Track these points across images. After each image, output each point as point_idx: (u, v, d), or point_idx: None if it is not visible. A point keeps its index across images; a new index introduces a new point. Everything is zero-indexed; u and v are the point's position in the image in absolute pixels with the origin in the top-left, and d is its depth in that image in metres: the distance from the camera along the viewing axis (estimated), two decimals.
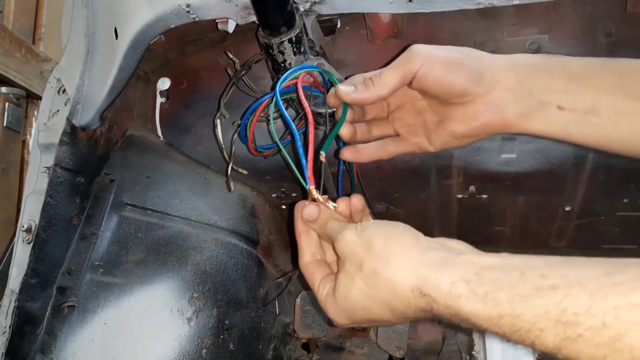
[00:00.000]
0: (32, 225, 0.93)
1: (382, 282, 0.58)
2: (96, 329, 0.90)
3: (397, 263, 0.58)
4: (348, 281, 0.62)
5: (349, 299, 0.62)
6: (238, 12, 0.84)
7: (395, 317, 0.60)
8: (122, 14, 0.89)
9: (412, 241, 0.60)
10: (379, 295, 0.58)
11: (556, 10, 0.93)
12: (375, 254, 0.59)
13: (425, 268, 0.56)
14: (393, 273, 0.57)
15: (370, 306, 0.60)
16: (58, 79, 1.00)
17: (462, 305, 0.51)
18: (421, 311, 0.56)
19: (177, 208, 1.02)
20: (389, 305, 0.58)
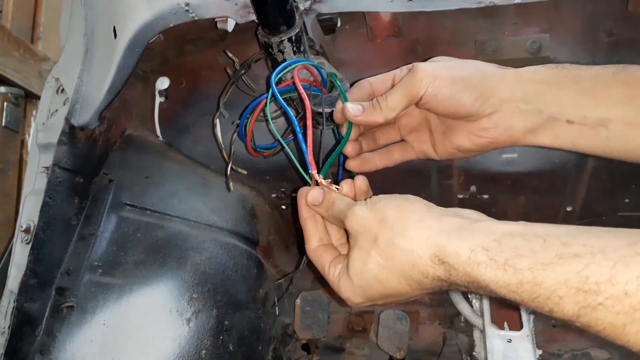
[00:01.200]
0: (31, 226, 0.93)
1: (399, 253, 0.58)
2: (95, 329, 0.89)
3: (414, 232, 0.57)
4: (363, 256, 0.61)
5: (365, 275, 0.61)
6: (237, 10, 0.83)
7: (411, 289, 0.59)
8: (120, 13, 0.89)
9: (426, 210, 0.60)
10: (397, 266, 0.58)
11: (557, 10, 0.92)
12: (390, 226, 0.59)
13: (443, 235, 0.55)
14: (410, 243, 0.57)
15: (386, 279, 0.59)
16: (57, 79, 1.00)
17: (482, 273, 0.51)
18: (438, 280, 0.56)
19: (176, 208, 1.02)
20: (407, 276, 0.58)
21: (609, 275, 0.43)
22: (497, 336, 1.02)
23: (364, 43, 1.01)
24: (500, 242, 0.51)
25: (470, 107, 0.68)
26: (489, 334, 1.02)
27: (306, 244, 0.72)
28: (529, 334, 1.01)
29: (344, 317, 1.31)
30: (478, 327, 1.10)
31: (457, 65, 0.71)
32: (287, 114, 0.77)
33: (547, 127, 0.67)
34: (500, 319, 1.05)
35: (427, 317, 1.27)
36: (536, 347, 1.01)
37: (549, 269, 0.47)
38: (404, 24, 0.97)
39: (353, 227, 0.63)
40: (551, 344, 1.11)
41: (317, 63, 0.81)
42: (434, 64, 0.71)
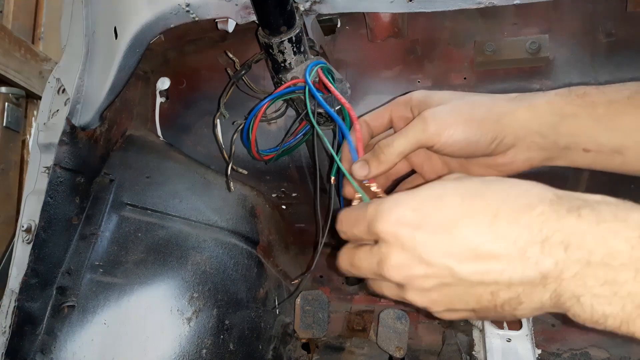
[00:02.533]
0: (32, 225, 0.93)
1: (507, 181, 0.51)
2: (96, 329, 0.90)
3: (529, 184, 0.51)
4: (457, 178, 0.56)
5: (448, 185, 0.53)
6: (238, 11, 0.83)
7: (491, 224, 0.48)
8: (121, 13, 0.89)
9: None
10: (497, 190, 0.50)
11: (556, 10, 0.93)
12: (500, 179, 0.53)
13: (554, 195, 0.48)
14: (524, 182, 0.50)
15: (473, 199, 0.50)
16: (58, 79, 1.00)
17: (637, 213, 0.45)
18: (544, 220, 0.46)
19: (177, 208, 1.02)
20: (503, 201, 0.49)
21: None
22: (496, 335, 1.02)
23: (364, 43, 1.01)
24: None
25: (485, 150, 0.66)
26: (488, 333, 1.02)
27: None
28: (528, 333, 1.01)
29: (344, 316, 1.31)
30: (477, 327, 1.10)
31: (466, 106, 0.67)
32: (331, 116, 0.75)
33: (563, 156, 0.66)
34: None
35: (426, 317, 1.28)
36: (535, 347, 1.01)
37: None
38: (404, 24, 0.97)
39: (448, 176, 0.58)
40: (550, 344, 1.11)
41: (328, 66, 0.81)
42: (442, 108, 0.67)
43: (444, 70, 0.98)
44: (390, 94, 0.99)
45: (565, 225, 0.45)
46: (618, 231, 0.43)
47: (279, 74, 0.83)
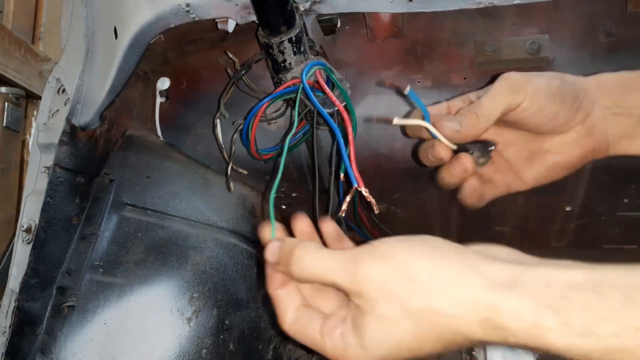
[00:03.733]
0: (32, 225, 0.93)
1: (441, 321, 0.47)
2: (96, 329, 0.90)
3: (456, 292, 0.46)
4: (388, 326, 0.49)
5: (390, 347, 0.49)
6: (238, 11, 0.83)
7: (446, 350, 0.49)
8: (121, 13, 0.89)
9: (459, 257, 0.49)
10: (436, 335, 0.47)
11: (556, 10, 0.93)
12: (423, 286, 0.48)
13: (493, 292, 0.45)
14: (454, 306, 0.46)
15: (420, 348, 0.49)
16: (57, 79, 1.00)
17: (553, 340, 0.42)
18: (485, 344, 0.47)
19: (177, 208, 1.02)
20: (447, 342, 0.48)
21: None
22: None
23: (364, 44, 1.01)
24: (568, 298, 0.42)
25: (567, 113, 0.62)
26: None
27: (280, 320, 0.58)
28: None
29: None
30: None
31: (543, 73, 0.65)
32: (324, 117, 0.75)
33: (636, 137, 0.64)
34: None
35: None
36: None
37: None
38: (404, 24, 0.97)
39: (368, 290, 0.49)
40: None
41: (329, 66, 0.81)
42: (523, 73, 0.64)
43: (444, 70, 0.98)
44: (390, 94, 0.99)
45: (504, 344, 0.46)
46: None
47: (279, 74, 0.83)
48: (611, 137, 0.64)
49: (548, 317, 0.42)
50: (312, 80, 0.80)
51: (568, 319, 0.41)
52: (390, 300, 0.48)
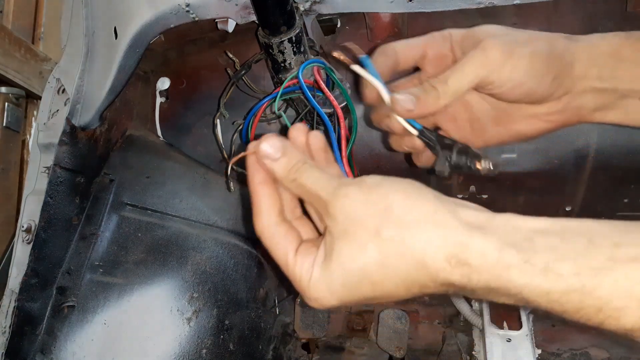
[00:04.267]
0: (32, 225, 0.93)
1: (408, 252, 0.46)
2: (96, 329, 0.90)
3: (428, 227, 0.46)
4: (355, 250, 0.48)
5: (353, 273, 0.48)
6: (238, 11, 0.83)
7: (408, 294, 0.49)
8: (121, 13, 0.89)
9: (437, 200, 0.48)
10: (400, 267, 0.47)
11: (557, 10, 0.93)
12: (397, 217, 0.47)
13: (463, 231, 0.45)
14: (423, 240, 0.46)
15: (381, 281, 0.48)
16: (58, 79, 1.00)
17: (514, 278, 0.42)
18: (448, 285, 0.46)
19: (177, 208, 1.02)
20: (409, 279, 0.47)
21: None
22: (496, 335, 1.02)
23: (364, 44, 1.01)
24: (533, 240, 0.43)
25: (544, 91, 0.59)
26: (488, 333, 1.02)
27: (257, 217, 0.55)
28: (528, 333, 1.01)
29: (344, 316, 1.31)
30: (477, 327, 1.10)
31: (526, 38, 0.60)
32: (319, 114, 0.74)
33: (618, 105, 0.61)
34: (500, 318, 1.05)
35: (426, 317, 1.28)
36: (535, 347, 1.01)
37: (601, 275, 0.39)
38: (404, 24, 0.97)
39: (344, 211, 0.49)
40: (550, 344, 1.11)
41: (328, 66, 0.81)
42: (504, 39, 0.59)
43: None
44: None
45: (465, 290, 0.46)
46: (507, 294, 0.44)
47: (279, 74, 0.83)
48: (585, 110, 0.62)
49: (511, 255, 0.42)
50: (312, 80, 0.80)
51: (530, 258, 0.42)
52: (361, 225, 0.48)
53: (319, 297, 0.51)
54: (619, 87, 0.60)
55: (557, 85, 0.60)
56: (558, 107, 0.62)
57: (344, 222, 0.49)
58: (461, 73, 0.59)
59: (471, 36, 0.63)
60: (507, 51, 0.58)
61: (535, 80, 0.59)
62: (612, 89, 0.60)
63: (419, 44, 0.67)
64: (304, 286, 0.52)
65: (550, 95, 0.61)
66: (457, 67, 0.60)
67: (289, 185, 0.54)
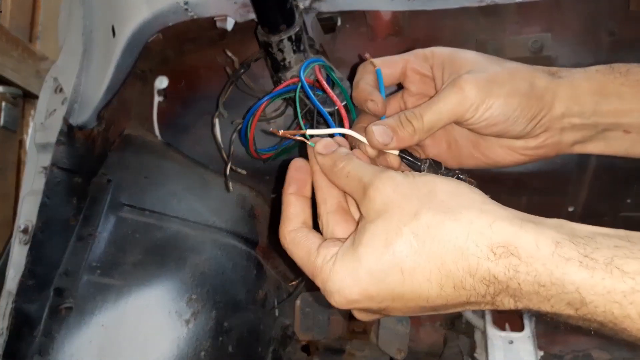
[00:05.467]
0: (29, 226, 0.92)
1: (446, 238, 0.43)
2: (94, 330, 0.89)
3: (473, 213, 0.43)
4: (389, 232, 0.45)
5: (384, 257, 0.45)
6: (237, 9, 0.83)
7: (440, 294, 0.44)
8: (119, 12, 0.89)
9: (486, 197, 0.47)
10: (436, 253, 0.43)
11: (559, 9, 0.92)
12: (440, 201, 0.45)
13: (513, 220, 0.42)
14: (467, 226, 0.43)
15: (413, 270, 0.44)
16: (55, 78, 1.00)
17: (571, 272, 0.38)
18: (488, 283, 0.42)
19: (175, 209, 1.01)
20: (444, 270, 0.43)
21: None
22: (498, 337, 1.02)
23: (364, 42, 1.01)
24: (595, 239, 0.40)
25: (520, 130, 0.59)
26: (490, 335, 1.02)
27: (283, 223, 0.56)
28: (531, 335, 1.01)
29: (344, 318, 1.30)
30: (479, 329, 1.10)
31: (507, 76, 0.59)
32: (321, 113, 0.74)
33: (599, 138, 0.61)
34: (502, 320, 1.05)
35: (427, 319, 1.27)
36: (537, 349, 1.00)
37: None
38: (405, 22, 0.97)
39: (383, 193, 0.47)
40: (552, 346, 1.11)
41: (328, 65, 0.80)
42: (480, 76, 0.58)
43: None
44: None
45: (508, 288, 0.42)
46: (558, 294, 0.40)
47: (279, 72, 0.82)
48: (564, 145, 0.62)
49: (570, 248, 0.39)
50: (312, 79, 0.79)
51: (592, 253, 0.39)
52: (399, 207, 0.46)
53: (340, 287, 0.47)
54: (601, 121, 0.60)
55: (535, 125, 0.59)
56: (536, 143, 0.62)
57: (381, 203, 0.47)
58: (437, 111, 0.59)
59: (452, 62, 0.63)
60: (484, 91, 0.57)
61: (510, 121, 0.58)
62: (592, 125, 0.60)
63: (399, 62, 0.67)
64: (325, 276, 0.49)
65: (527, 134, 0.61)
66: (433, 103, 0.59)
67: (335, 174, 0.54)
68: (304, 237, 0.54)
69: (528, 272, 0.40)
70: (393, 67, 0.67)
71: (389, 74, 0.67)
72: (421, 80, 0.67)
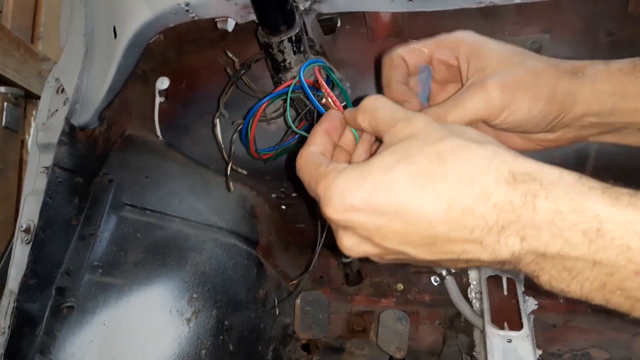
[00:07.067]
0: (31, 226, 0.93)
1: (468, 158, 0.43)
2: (95, 329, 0.89)
3: (498, 148, 0.44)
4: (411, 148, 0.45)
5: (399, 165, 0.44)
6: (237, 10, 0.83)
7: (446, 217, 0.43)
8: (121, 12, 0.89)
9: None
10: (454, 172, 0.43)
11: (557, 10, 0.92)
12: (469, 136, 0.46)
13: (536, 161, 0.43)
14: (491, 151, 0.43)
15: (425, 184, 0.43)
16: (57, 79, 1.00)
17: (594, 198, 0.39)
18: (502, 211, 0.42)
19: (176, 208, 1.02)
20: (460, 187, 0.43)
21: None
22: (497, 336, 1.02)
23: (364, 43, 1.01)
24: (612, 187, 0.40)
25: (542, 128, 0.61)
26: (489, 334, 1.02)
27: (303, 149, 0.56)
28: (529, 333, 1.01)
29: (344, 317, 1.31)
30: (478, 327, 1.10)
31: (532, 78, 0.59)
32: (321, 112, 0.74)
33: (615, 133, 0.63)
34: (500, 319, 1.05)
35: (427, 317, 1.27)
36: (536, 347, 1.00)
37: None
38: (404, 24, 0.97)
39: (416, 125, 0.47)
40: (551, 344, 1.11)
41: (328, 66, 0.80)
42: (507, 78, 0.59)
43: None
44: None
45: (521, 217, 0.41)
46: (575, 223, 0.40)
47: (279, 73, 0.83)
48: (580, 137, 0.64)
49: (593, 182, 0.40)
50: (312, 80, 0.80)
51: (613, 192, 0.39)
52: (426, 134, 0.46)
53: (343, 190, 0.46)
54: (618, 120, 0.61)
55: (555, 124, 0.61)
56: (554, 136, 0.63)
57: (409, 132, 0.47)
58: (462, 112, 0.59)
59: (478, 56, 0.62)
60: (509, 96, 0.58)
61: (532, 124, 0.59)
62: (609, 124, 0.61)
63: (426, 53, 0.67)
64: (328, 181, 0.47)
65: (544, 133, 0.62)
66: (459, 104, 0.59)
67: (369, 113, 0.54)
68: (318, 158, 0.53)
69: (547, 196, 0.40)
70: (420, 57, 0.67)
71: (413, 64, 0.67)
72: (447, 69, 0.67)
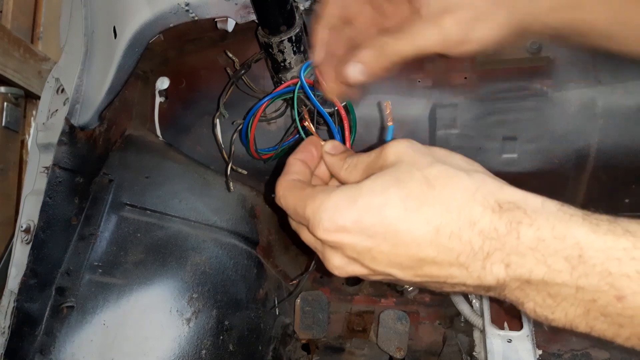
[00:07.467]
0: (31, 226, 0.93)
1: (455, 186, 0.44)
2: (95, 329, 0.89)
3: (486, 176, 0.45)
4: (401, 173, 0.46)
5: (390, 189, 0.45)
6: (237, 10, 0.83)
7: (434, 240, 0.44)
8: (121, 12, 0.89)
9: None
10: (442, 199, 0.44)
11: None
12: (456, 163, 0.47)
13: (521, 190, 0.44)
14: (477, 180, 0.44)
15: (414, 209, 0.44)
16: (57, 79, 1.00)
17: (575, 226, 0.40)
18: (487, 237, 0.43)
19: (176, 208, 1.02)
20: (448, 213, 0.44)
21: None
22: (497, 336, 1.02)
23: None
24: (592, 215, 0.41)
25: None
26: (489, 334, 1.02)
27: (281, 177, 0.57)
28: (529, 334, 1.01)
29: (344, 317, 1.31)
30: (478, 327, 1.10)
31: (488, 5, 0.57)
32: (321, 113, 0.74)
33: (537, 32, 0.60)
34: (500, 319, 1.05)
35: (427, 317, 1.27)
36: (536, 347, 1.00)
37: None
38: None
39: (401, 149, 0.48)
40: (551, 344, 1.11)
41: None
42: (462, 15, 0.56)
43: (444, 70, 0.98)
44: (390, 93, 0.99)
45: (505, 245, 0.42)
46: (557, 250, 0.40)
47: (279, 73, 0.83)
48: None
49: (574, 210, 0.41)
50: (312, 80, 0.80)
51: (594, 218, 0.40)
52: (413, 159, 0.47)
53: (334, 211, 0.46)
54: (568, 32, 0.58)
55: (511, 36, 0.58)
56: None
57: (395, 157, 0.48)
58: (412, 43, 0.57)
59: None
60: (464, 32, 0.56)
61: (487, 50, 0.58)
62: (559, 34, 0.59)
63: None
64: (317, 203, 0.48)
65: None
66: (409, 35, 0.57)
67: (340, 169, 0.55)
68: (300, 184, 0.54)
69: (531, 224, 0.41)
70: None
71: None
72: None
